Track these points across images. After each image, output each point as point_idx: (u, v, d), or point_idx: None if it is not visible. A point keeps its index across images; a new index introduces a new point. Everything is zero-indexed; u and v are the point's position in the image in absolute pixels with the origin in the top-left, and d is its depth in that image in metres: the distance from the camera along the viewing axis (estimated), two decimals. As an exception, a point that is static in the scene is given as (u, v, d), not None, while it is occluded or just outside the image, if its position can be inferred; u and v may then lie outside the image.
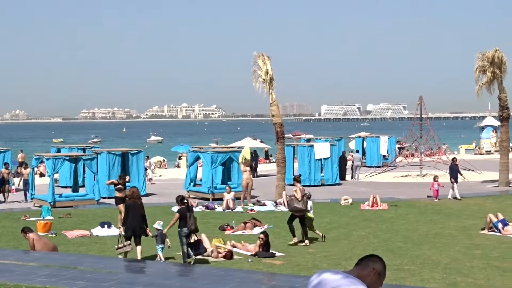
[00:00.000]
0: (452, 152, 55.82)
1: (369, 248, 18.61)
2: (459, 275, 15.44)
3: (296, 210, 20.51)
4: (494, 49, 39.18)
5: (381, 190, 34.55)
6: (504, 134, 40.17)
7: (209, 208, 28.95)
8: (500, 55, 38.64)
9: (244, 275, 15.22)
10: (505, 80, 39.37)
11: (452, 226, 23.23)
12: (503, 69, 38.86)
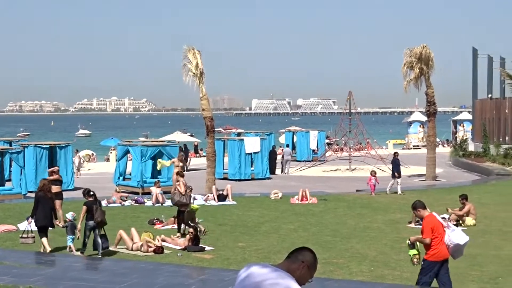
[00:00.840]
0: (381, 147, 56.54)
1: (298, 242, 18.70)
2: (386, 268, 15.65)
3: (181, 204, 20.64)
4: (421, 45, 39.83)
5: (310, 184, 34.81)
6: (431, 129, 40.90)
7: (138, 202, 28.72)
8: (427, 52, 39.31)
9: (173, 269, 15.16)
10: (432, 76, 40.12)
11: (380, 219, 23.54)
12: (430, 65, 39.56)
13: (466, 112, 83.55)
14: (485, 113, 54.81)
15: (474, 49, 57.98)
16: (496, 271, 15.14)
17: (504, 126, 52.60)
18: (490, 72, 59.14)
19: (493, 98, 56.95)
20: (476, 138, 57.27)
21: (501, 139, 52.22)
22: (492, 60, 59.31)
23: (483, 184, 35.26)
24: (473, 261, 16.23)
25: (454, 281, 14.20)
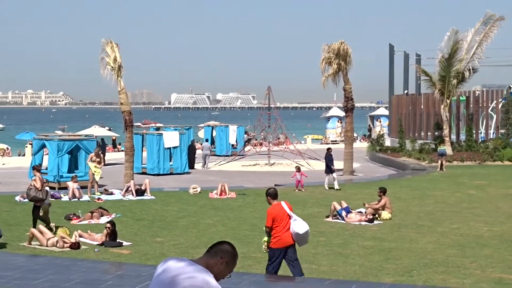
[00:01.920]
0: (299, 142, 56.96)
1: (217, 237, 18.69)
2: (303, 261, 15.72)
3: (36, 199, 20.43)
4: (339, 41, 40.25)
5: (229, 179, 34.85)
6: (349, 125, 41.42)
7: (54, 197, 28.20)
8: (345, 48, 39.76)
9: (90, 265, 14.94)
10: (350, 71, 40.62)
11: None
12: (348, 61, 40.02)
13: (383, 108, 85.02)
14: (401, 109, 55.87)
15: (391, 45, 59.05)
16: (411, 264, 15.42)
17: (419, 122, 53.74)
18: (406, 69, 60.31)
19: (409, 94, 58.11)
20: (392, 133, 58.35)
21: (416, 134, 53.35)
22: (408, 57, 60.51)
23: (399, 179, 35.92)
24: (388, 254, 16.51)
25: (369, 275, 14.44)
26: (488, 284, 13.57)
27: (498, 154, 43.73)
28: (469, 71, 46.37)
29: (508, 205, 25.64)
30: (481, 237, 18.95)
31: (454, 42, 45.81)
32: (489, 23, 46.29)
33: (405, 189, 30.67)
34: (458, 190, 30.32)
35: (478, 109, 51.27)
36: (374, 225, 21.44)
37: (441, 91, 46.10)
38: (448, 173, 37.86)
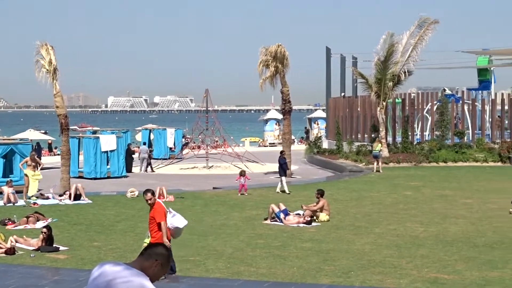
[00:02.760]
0: (237, 145, 57.00)
1: (155, 240, 18.58)
2: (242, 264, 15.79)
3: None
4: (276, 44, 40.42)
5: (167, 182, 34.68)
6: (287, 127, 41.61)
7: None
8: (282, 50, 39.95)
9: (26, 270, 14.71)
10: (287, 74, 40.84)
11: (237, 216, 23.72)
12: (285, 63, 40.23)
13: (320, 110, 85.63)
14: (338, 111, 56.29)
15: (328, 48, 59.44)
16: (348, 265, 15.55)
17: (356, 124, 54.23)
18: (343, 71, 60.75)
19: (346, 97, 58.58)
20: (330, 135, 58.74)
21: (353, 136, 53.80)
22: (344, 60, 60.97)
23: (337, 181, 36.21)
24: (326, 256, 16.63)
25: (307, 276, 14.52)
26: (423, 284, 13.77)
27: (433, 155, 44.42)
28: (404, 74, 46.98)
29: (443, 206, 26.08)
30: (417, 238, 19.23)
31: (390, 45, 46.35)
32: (424, 26, 46.98)
33: (343, 191, 30.94)
34: (394, 192, 30.72)
35: (413, 111, 51.98)
36: (312, 227, 21.57)
37: (377, 93, 46.61)
38: (384, 174, 38.34)
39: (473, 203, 26.59)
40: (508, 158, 44.40)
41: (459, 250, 17.39)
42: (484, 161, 44.21)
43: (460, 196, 28.99)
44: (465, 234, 19.74)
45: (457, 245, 18.00)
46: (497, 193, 29.40)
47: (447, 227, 21.03)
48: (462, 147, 45.90)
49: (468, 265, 15.50)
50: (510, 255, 16.66)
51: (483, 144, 46.83)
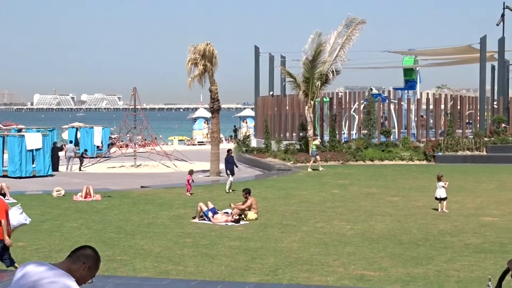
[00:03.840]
0: (166, 143, 56.71)
1: (82, 240, 18.35)
2: (170, 263, 15.70)
3: None
4: (205, 42, 40.36)
5: (94, 181, 34.30)
6: (215, 126, 41.60)
7: None
8: (211, 49, 39.92)
9: None
10: (216, 73, 40.82)
11: (165, 215, 23.59)
12: (213, 62, 40.21)
13: (249, 109, 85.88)
14: (266, 110, 56.49)
15: (256, 47, 59.61)
16: (276, 263, 15.61)
17: (284, 123, 54.53)
18: (272, 70, 61.06)
19: (275, 95, 58.85)
20: (258, 134, 58.92)
21: (282, 135, 54.08)
22: (273, 59, 61.26)
23: (265, 179, 36.32)
24: (254, 254, 16.66)
25: (235, 274, 14.51)
26: (350, 281, 13.92)
27: (360, 154, 45.00)
28: (332, 73, 47.39)
29: (369, 203, 26.41)
30: (344, 235, 19.43)
31: (318, 45, 46.70)
32: (351, 26, 47.49)
33: (271, 189, 31.06)
34: (322, 190, 30.98)
35: (341, 110, 52.54)
36: (240, 225, 21.59)
37: (305, 92, 46.93)
38: (312, 173, 38.64)
39: (399, 201, 27.01)
40: (433, 157, 45.27)
41: (385, 247, 17.63)
42: (409, 160, 44.98)
43: (386, 194, 29.42)
44: (390, 232, 20.03)
45: (383, 242, 18.26)
46: (422, 191, 29.94)
47: (373, 225, 21.31)
48: (389, 146, 46.60)
49: (394, 262, 15.73)
50: (434, 251, 16.97)
51: (409, 143, 47.63)
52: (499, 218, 22.63)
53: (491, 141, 47.06)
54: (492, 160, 44.73)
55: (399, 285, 13.57)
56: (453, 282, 13.81)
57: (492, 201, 26.73)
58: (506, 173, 37.99)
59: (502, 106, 53.13)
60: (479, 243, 18.11)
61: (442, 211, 23.87)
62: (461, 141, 46.98)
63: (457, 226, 21.02)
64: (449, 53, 63.36)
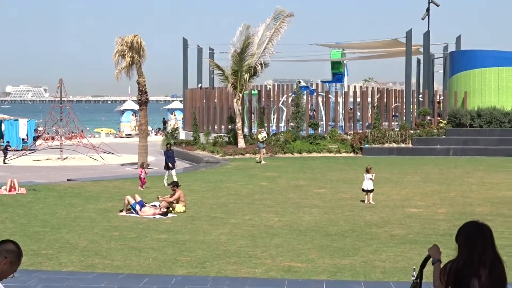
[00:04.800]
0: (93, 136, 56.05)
1: (5, 234, 17.96)
2: (97, 257, 15.51)
3: None
4: (133, 34, 39.97)
5: (19, 174, 33.70)
6: (143, 118, 41.30)
7: None
8: (138, 41, 39.58)
9: None
10: (144, 65, 40.50)
11: (92, 208, 23.30)
12: (141, 54, 39.88)
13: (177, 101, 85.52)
14: (195, 102, 56.36)
15: (185, 39, 59.35)
16: (204, 255, 15.57)
17: (213, 115, 54.48)
18: (200, 63, 60.91)
19: (203, 88, 58.74)
20: (187, 126, 58.75)
21: (210, 127, 54.04)
22: (201, 51, 61.11)
23: (193, 172, 36.23)
24: (182, 247, 16.59)
25: (162, 267, 14.43)
26: (278, 273, 13.98)
27: (289, 146, 45.25)
28: (260, 66, 47.56)
29: (297, 195, 26.58)
30: (272, 227, 19.50)
31: (246, 37, 46.78)
32: (279, 19, 47.69)
33: (199, 182, 30.99)
34: (250, 182, 31.05)
35: (269, 102, 52.74)
36: (168, 218, 21.48)
37: (234, 85, 46.98)
38: (241, 165, 38.71)
39: (326, 193, 27.26)
40: (360, 149, 45.84)
41: (312, 239, 17.76)
42: (337, 152, 45.44)
43: (314, 186, 29.66)
44: (318, 223, 20.20)
45: (311, 234, 18.39)
46: (349, 183, 30.29)
47: (301, 217, 21.45)
48: (316, 138, 46.99)
49: (321, 253, 15.85)
50: (361, 242, 17.17)
51: (336, 136, 48.12)
52: (423, 209, 23.04)
53: (417, 133, 47.87)
54: (418, 152, 45.55)
55: (326, 276, 13.69)
56: (378, 272, 14.00)
57: (417, 193, 27.21)
58: (431, 165, 38.73)
59: (427, 99, 54.08)
60: (404, 234, 18.42)
61: (368, 202, 24.19)
62: (387, 133, 47.68)
63: (383, 217, 21.33)
64: (376, 47, 64.21)
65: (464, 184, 30.09)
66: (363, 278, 13.52)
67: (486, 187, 28.96)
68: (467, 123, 48.50)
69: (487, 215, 21.35)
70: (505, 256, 15.31)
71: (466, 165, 38.98)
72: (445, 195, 26.47)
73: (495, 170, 36.20)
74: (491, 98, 50.20)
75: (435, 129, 48.64)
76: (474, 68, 51.22)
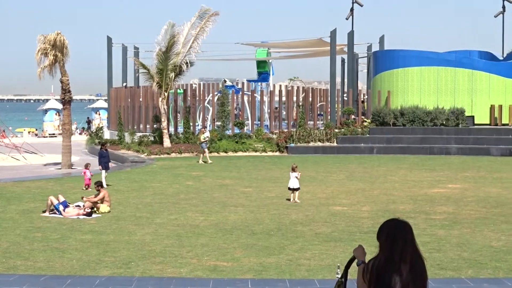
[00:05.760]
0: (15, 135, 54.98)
1: None
2: (19, 258, 15.21)
3: None
4: (56, 32, 39.34)
5: None
6: (66, 117, 40.68)
7: None
8: (62, 39, 38.96)
9: None
10: (67, 63, 39.88)
11: (14, 209, 22.83)
12: (64, 52, 39.26)
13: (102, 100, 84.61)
14: (120, 101, 55.86)
15: (109, 38, 58.81)
16: (129, 256, 15.43)
17: (138, 114, 54.09)
18: (125, 61, 60.47)
19: (128, 87, 58.27)
20: (111, 126, 58.18)
21: (135, 127, 53.63)
22: (126, 50, 60.66)
23: (118, 171, 35.84)
24: (107, 247, 16.39)
25: (86, 268, 14.25)
26: (203, 272, 13.95)
27: (214, 145, 45.19)
28: (186, 64, 47.41)
29: (223, 195, 26.56)
30: (198, 227, 19.44)
31: (171, 36, 46.56)
32: (205, 18, 47.61)
33: (124, 182, 30.71)
34: (176, 182, 30.90)
35: (195, 102, 52.61)
36: (93, 218, 21.20)
37: (159, 84, 46.70)
38: (167, 165, 38.50)
39: (252, 192, 27.32)
40: (286, 148, 46.12)
41: (238, 237, 17.77)
42: (263, 151, 45.62)
43: (240, 185, 29.69)
44: (244, 222, 20.22)
45: (236, 233, 18.40)
46: (275, 181, 30.43)
47: (227, 216, 21.44)
48: (242, 137, 47.07)
49: (247, 252, 15.88)
50: (286, 241, 17.26)
51: (262, 135, 48.29)
52: (348, 207, 23.30)
53: (341, 132, 48.41)
54: (342, 151, 46.07)
55: (252, 275, 13.72)
56: (304, 270, 14.10)
57: (342, 191, 27.50)
58: (355, 164, 39.23)
59: (351, 98, 54.77)
60: (329, 232, 18.59)
61: (294, 201, 24.33)
62: (312, 132, 48.09)
63: (309, 215, 21.49)
64: (301, 46, 64.78)
65: (388, 182, 30.56)
66: (289, 276, 13.60)
67: (409, 185, 29.48)
68: (390, 122, 49.28)
69: (410, 213, 21.74)
70: (427, 252, 15.70)
71: (389, 163, 39.61)
72: (369, 193, 26.83)
73: (417, 168, 36.88)
74: (413, 97, 51.15)
75: (359, 128, 49.27)
76: (397, 67, 52.13)
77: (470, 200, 24.99)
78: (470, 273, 13.95)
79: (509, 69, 51.88)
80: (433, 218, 20.89)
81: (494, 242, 17.08)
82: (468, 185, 29.41)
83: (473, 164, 39.06)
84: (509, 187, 28.86)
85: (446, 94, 50.85)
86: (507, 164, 38.95)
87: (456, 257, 15.38)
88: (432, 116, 48.95)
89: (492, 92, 50.93)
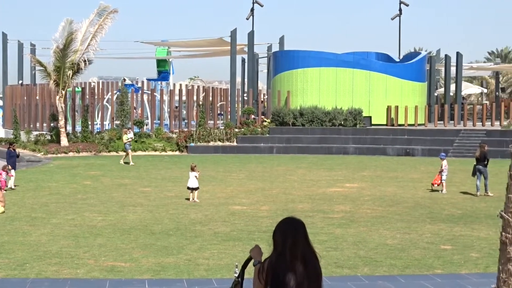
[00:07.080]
0: None
1: None
2: None
3: None
4: None
5: None
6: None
7: None
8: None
9: None
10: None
11: None
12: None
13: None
14: (15, 99, 54.53)
15: (4, 34, 57.34)
16: (24, 257, 15.05)
17: (35, 113, 52.93)
18: (21, 58, 59.08)
19: (24, 84, 56.94)
20: (7, 124, 56.75)
21: (32, 125, 52.45)
22: (22, 46, 59.28)
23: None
24: (0, 249, 15.95)
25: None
26: (100, 273, 13.72)
27: (113, 145, 44.69)
28: (84, 62, 46.68)
29: (122, 194, 26.26)
30: (95, 227, 19.14)
31: (69, 33, 45.75)
32: (104, 15, 46.98)
33: (20, 182, 29.94)
34: (73, 181, 30.37)
35: (94, 100, 51.87)
36: (-14, 219, 20.60)
37: (57, 82, 45.83)
38: (64, 164, 37.81)
39: (151, 192, 27.11)
40: (185, 147, 46.00)
41: (137, 238, 17.59)
42: (162, 150, 45.39)
43: (139, 184, 29.42)
44: (142, 222, 20.03)
45: (135, 233, 18.20)
46: (174, 181, 30.29)
47: (125, 216, 21.20)
48: (142, 136, 46.70)
49: (145, 252, 15.72)
50: (185, 241, 17.18)
51: (162, 134, 48.04)
52: (247, 206, 23.39)
53: (241, 132, 48.61)
54: (242, 151, 46.26)
55: (150, 275, 13.58)
56: (202, 270, 14.05)
57: (241, 190, 27.60)
58: (255, 163, 39.46)
59: (251, 98, 55.06)
60: (228, 231, 18.60)
61: (193, 200, 24.27)
62: (212, 132, 48.12)
63: (208, 215, 21.46)
64: (202, 45, 64.71)
65: (287, 182, 30.85)
66: (187, 276, 13.52)
67: (307, 184, 29.84)
68: (290, 122, 49.79)
69: (308, 212, 21.99)
70: (325, 251, 15.91)
71: (288, 163, 40.01)
72: (268, 193, 27.01)
73: (316, 167, 37.39)
74: (313, 97, 51.81)
75: (259, 128, 49.59)
76: (297, 68, 52.70)
77: (367, 199, 25.50)
78: (366, 270, 14.20)
79: (405, 71, 53.24)
80: (331, 217, 21.20)
81: (389, 240, 17.46)
82: (365, 184, 30.01)
83: (370, 163, 39.88)
84: (404, 186, 29.61)
85: (344, 95, 51.73)
86: (403, 163, 39.96)
87: (352, 255, 15.63)
88: (330, 117, 49.70)
89: (388, 93, 52.13)
